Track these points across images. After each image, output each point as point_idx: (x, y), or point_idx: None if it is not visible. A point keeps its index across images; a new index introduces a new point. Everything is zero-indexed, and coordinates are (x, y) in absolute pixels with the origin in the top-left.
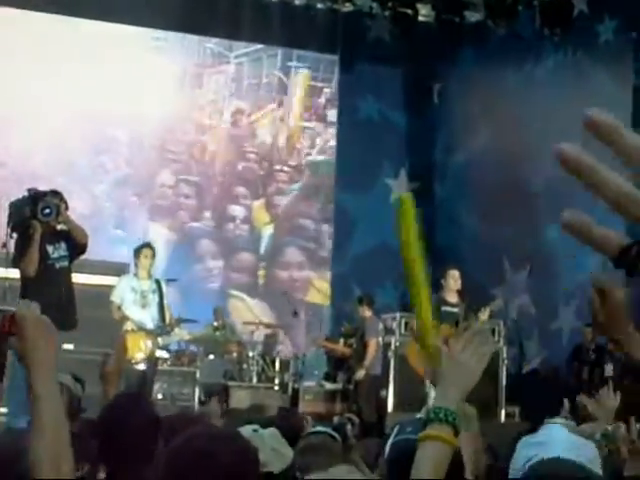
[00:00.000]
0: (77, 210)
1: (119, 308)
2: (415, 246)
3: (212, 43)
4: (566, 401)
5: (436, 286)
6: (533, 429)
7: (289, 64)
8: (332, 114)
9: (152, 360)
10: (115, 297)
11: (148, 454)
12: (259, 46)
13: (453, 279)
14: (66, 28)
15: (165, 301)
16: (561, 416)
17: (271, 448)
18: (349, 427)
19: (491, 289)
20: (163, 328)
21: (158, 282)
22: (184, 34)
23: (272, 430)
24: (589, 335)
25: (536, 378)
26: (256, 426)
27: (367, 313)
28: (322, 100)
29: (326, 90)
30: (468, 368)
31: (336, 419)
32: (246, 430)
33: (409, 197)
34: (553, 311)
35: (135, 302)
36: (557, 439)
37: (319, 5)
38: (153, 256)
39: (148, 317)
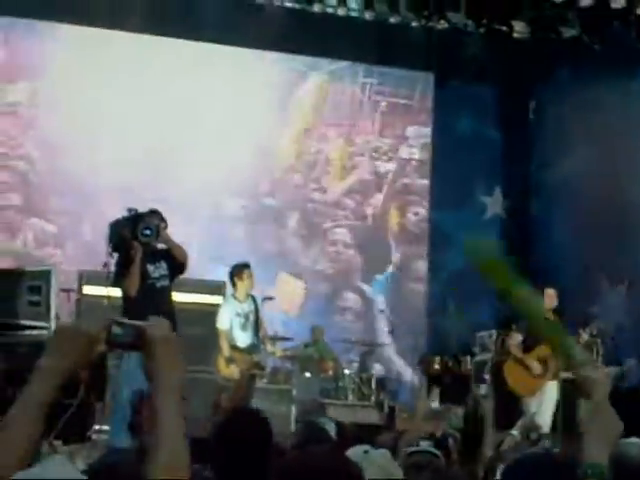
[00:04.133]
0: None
1: (227, 335)
2: (513, 287)
3: (299, 62)
4: None
5: None
6: None
7: (368, 81)
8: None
9: (249, 378)
10: (222, 324)
11: (261, 469)
12: (344, 63)
13: (549, 297)
14: (160, 47)
15: (260, 318)
16: None
17: (381, 469)
18: (451, 442)
19: (588, 307)
20: (256, 346)
21: (254, 299)
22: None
23: (383, 451)
24: None
25: (636, 397)
26: (367, 447)
27: None
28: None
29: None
30: (614, 418)
31: (439, 434)
32: (357, 451)
33: (474, 245)
34: None
35: (238, 325)
36: None
37: (414, 23)
38: (251, 278)
39: (246, 337)
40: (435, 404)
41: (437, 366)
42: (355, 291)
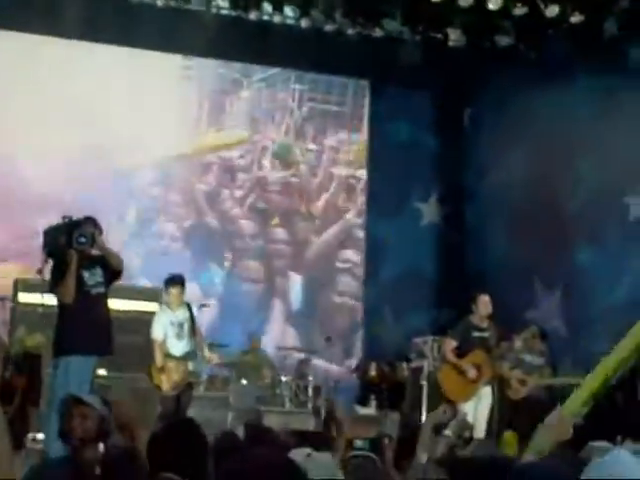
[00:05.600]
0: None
1: (161, 345)
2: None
3: (232, 69)
4: None
5: (467, 310)
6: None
7: (297, 87)
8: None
9: (185, 386)
10: (157, 334)
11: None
12: (276, 71)
13: (483, 304)
14: (87, 54)
15: (196, 325)
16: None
17: (325, 469)
18: (386, 441)
19: (523, 312)
20: (192, 354)
21: (189, 307)
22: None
23: (325, 454)
24: None
25: None
26: (309, 450)
27: None
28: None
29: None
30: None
31: (373, 434)
32: (299, 453)
33: None
34: (587, 333)
35: (173, 335)
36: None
37: (349, 31)
38: (183, 288)
39: (182, 345)
40: (371, 410)
41: (373, 372)
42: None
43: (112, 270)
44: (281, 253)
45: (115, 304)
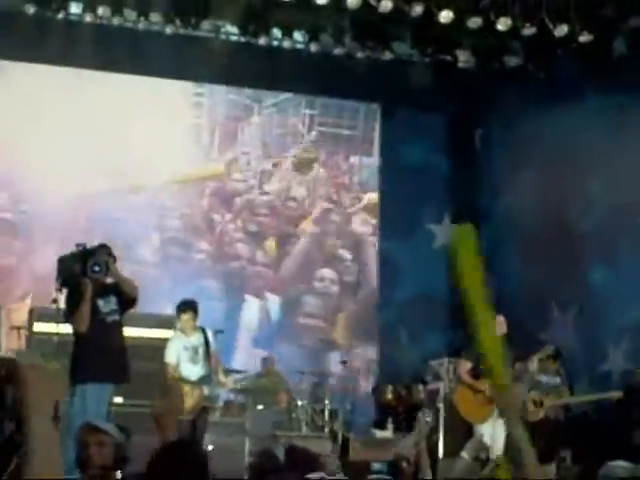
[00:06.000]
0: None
1: (175, 369)
2: (471, 276)
3: (243, 95)
4: None
5: None
6: (585, 472)
7: (308, 111)
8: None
9: (201, 411)
10: (170, 358)
11: None
12: (287, 96)
13: (499, 325)
14: (99, 83)
15: (211, 350)
16: None
17: None
18: (405, 465)
19: (539, 333)
20: (208, 378)
21: (204, 332)
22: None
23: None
24: None
25: (586, 421)
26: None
27: None
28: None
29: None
30: None
31: (392, 456)
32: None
33: (468, 228)
34: (602, 353)
35: (187, 359)
36: None
37: (359, 54)
38: (196, 313)
39: (197, 370)
40: (388, 433)
41: (390, 395)
42: None
43: (126, 298)
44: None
45: (130, 332)
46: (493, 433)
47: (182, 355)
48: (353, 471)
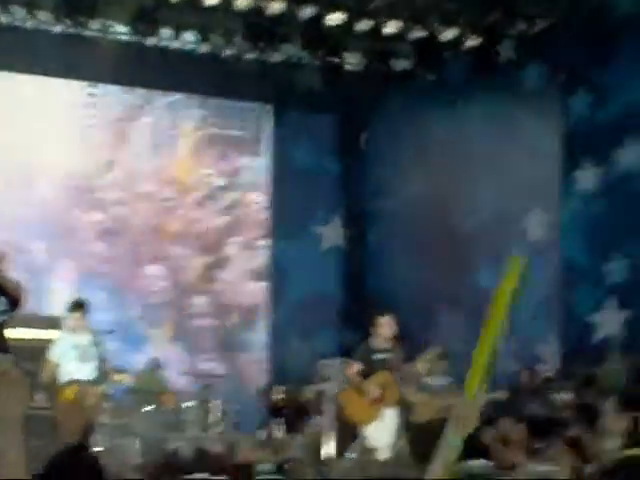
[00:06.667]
0: None
1: (57, 366)
2: (501, 301)
3: (135, 95)
4: None
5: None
6: None
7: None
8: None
9: (93, 411)
10: (53, 356)
11: None
12: (178, 96)
13: (383, 325)
14: None
15: (102, 352)
16: None
17: None
18: (293, 466)
19: (426, 333)
20: (101, 377)
21: (95, 334)
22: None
23: None
24: (526, 378)
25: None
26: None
27: None
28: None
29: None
30: None
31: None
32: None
33: (522, 261)
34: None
35: (76, 358)
36: None
37: (249, 56)
38: (86, 313)
39: (87, 370)
40: (277, 434)
41: (278, 396)
42: None
43: (13, 299)
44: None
45: (14, 333)
46: (379, 435)
47: (70, 354)
48: (241, 472)
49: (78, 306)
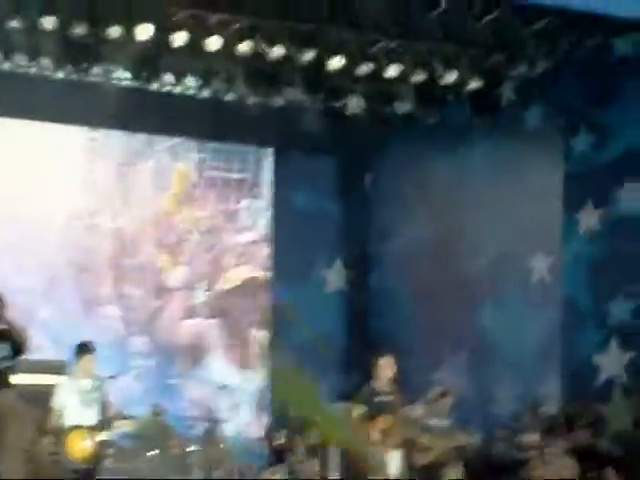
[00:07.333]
0: None
1: (60, 415)
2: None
3: (136, 140)
4: None
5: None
6: None
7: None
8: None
9: (96, 457)
10: (57, 404)
11: None
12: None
13: (384, 367)
14: None
15: (106, 398)
16: None
17: None
18: None
19: (430, 375)
20: (105, 422)
21: (99, 379)
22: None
23: None
24: (528, 419)
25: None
26: None
27: None
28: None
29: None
30: None
31: None
32: None
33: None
34: (491, 395)
35: (78, 403)
36: None
37: (250, 100)
38: (93, 356)
39: (90, 415)
40: (281, 476)
41: (282, 439)
42: None
43: (17, 344)
44: None
45: (19, 378)
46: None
47: (70, 399)
48: None
49: (88, 348)
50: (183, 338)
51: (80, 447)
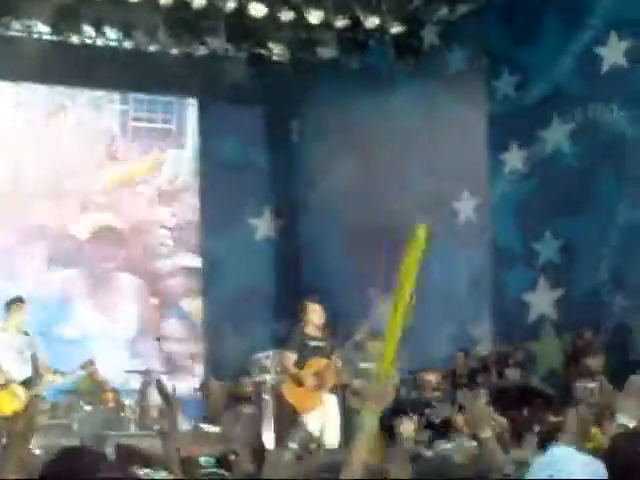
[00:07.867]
0: None
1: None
2: (409, 271)
3: (58, 93)
4: None
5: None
6: None
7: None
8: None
9: (29, 412)
10: None
11: None
12: (100, 93)
13: (314, 313)
14: None
15: (38, 354)
16: None
17: None
18: (233, 457)
19: (361, 320)
20: (37, 378)
21: (29, 335)
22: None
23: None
24: (461, 360)
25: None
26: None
27: None
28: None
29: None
30: None
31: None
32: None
33: (424, 229)
34: (425, 338)
35: (13, 360)
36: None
37: (173, 50)
38: (22, 310)
39: (22, 370)
40: (216, 427)
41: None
42: None
43: None
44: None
45: None
46: (322, 423)
47: (5, 354)
48: (183, 466)
49: (21, 302)
50: None
51: (12, 402)
